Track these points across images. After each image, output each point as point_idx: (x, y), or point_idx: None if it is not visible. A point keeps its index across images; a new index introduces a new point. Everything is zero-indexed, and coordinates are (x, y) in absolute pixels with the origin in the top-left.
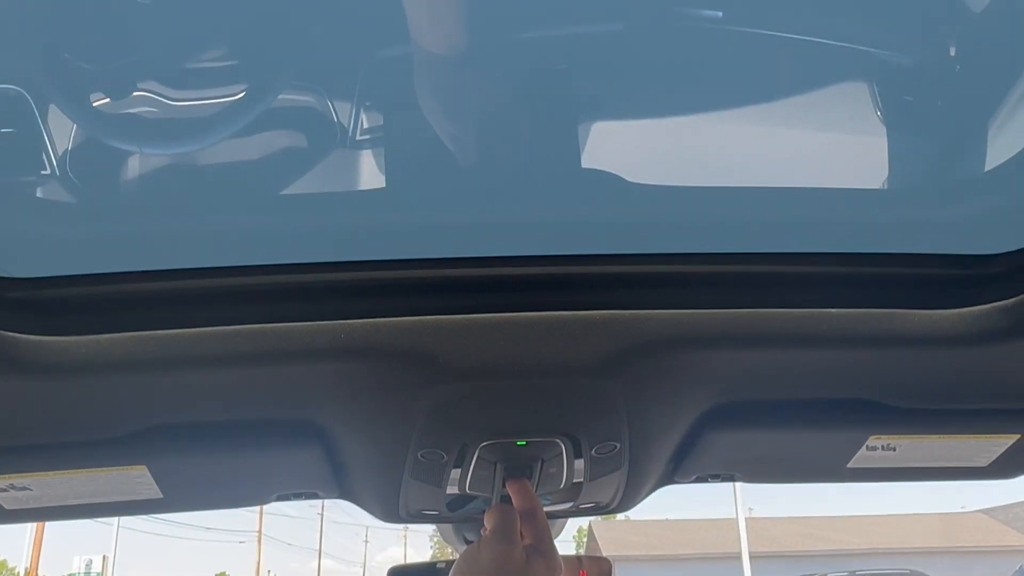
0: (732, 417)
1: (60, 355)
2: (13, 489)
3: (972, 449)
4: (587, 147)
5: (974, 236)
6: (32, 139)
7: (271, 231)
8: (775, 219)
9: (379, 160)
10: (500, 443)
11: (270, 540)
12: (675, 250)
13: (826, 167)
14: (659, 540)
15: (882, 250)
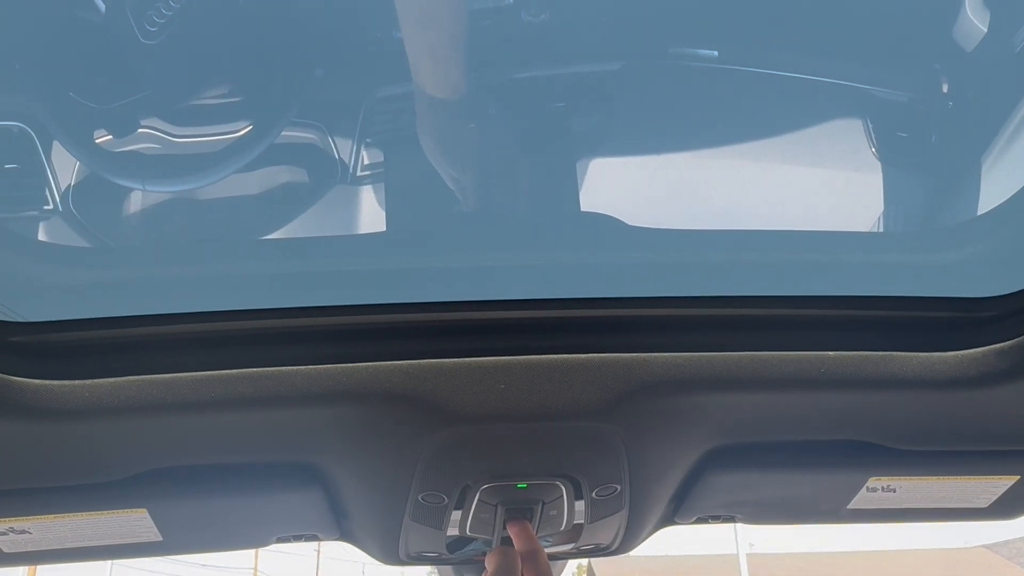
0: (732, 459)
1: (61, 399)
2: (12, 532)
3: (972, 490)
4: (585, 192)
5: (969, 279)
6: (37, 181)
7: (270, 276)
8: (771, 262)
9: (379, 204)
10: (501, 486)
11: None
12: (672, 294)
13: (822, 211)
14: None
15: (878, 293)
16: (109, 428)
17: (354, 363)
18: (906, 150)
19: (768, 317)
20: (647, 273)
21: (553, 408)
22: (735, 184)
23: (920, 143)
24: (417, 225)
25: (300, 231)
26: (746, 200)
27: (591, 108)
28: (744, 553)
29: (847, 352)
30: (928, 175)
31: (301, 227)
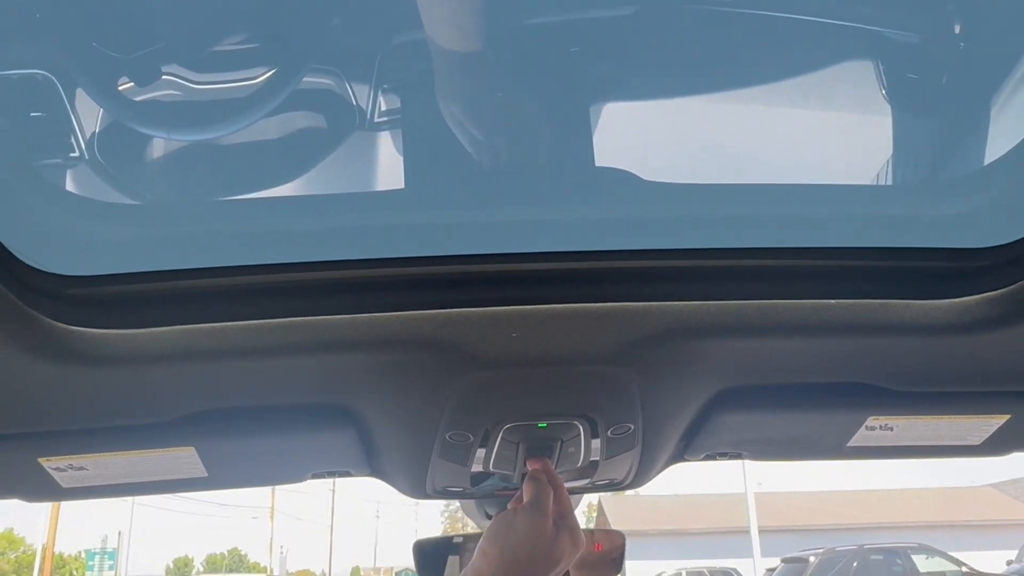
0: (739, 400)
1: (117, 347)
2: (71, 469)
3: (965, 429)
4: (600, 147)
5: (966, 230)
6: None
7: (310, 231)
8: (780, 215)
9: (401, 161)
10: (522, 425)
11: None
12: (685, 246)
13: (827, 164)
14: (668, 515)
15: (879, 244)
16: (160, 373)
17: (386, 312)
18: (914, 94)
19: (774, 267)
20: (661, 226)
21: (571, 353)
22: (744, 136)
23: (928, 87)
24: (440, 182)
25: (337, 189)
26: (755, 154)
27: (605, 55)
28: (752, 492)
29: (848, 300)
30: (933, 124)
31: (338, 186)
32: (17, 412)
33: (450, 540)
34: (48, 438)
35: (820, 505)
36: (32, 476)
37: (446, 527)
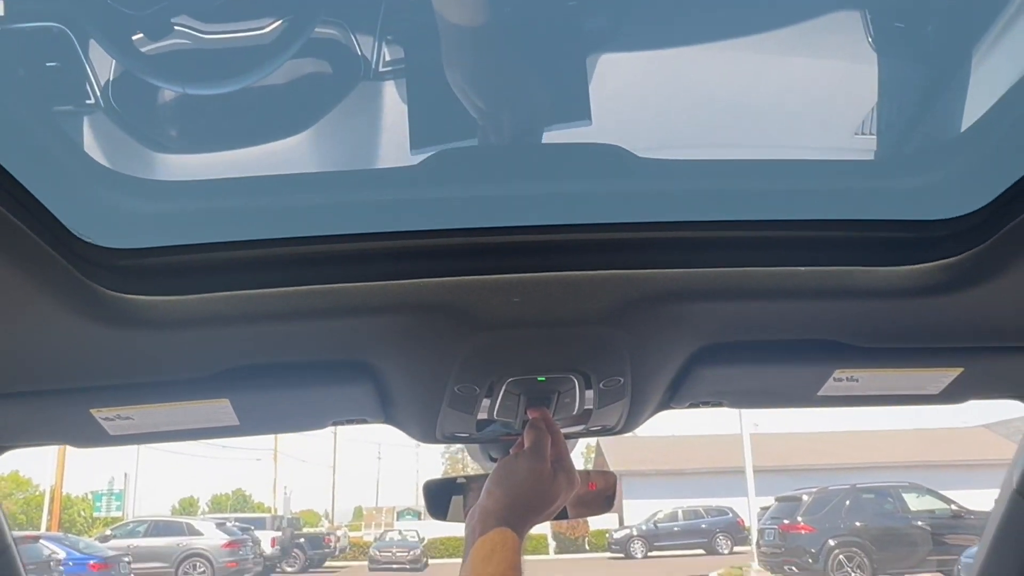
0: (719, 355)
1: (160, 312)
2: (119, 419)
3: (923, 380)
4: (599, 123)
5: (923, 204)
6: None
7: (331, 205)
8: (756, 189)
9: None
10: (523, 379)
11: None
12: (670, 218)
13: (799, 141)
14: (665, 456)
15: (845, 216)
16: (199, 334)
17: (401, 280)
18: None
19: (749, 238)
20: (648, 200)
21: (567, 315)
22: (726, 116)
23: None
24: (447, 160)
25: (348, 164)
26: (735, 133)
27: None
28: (748, 433)
29: (816, 267)
30: (894, 106)
31: (349, 161)
32: (72, 369)
33: (454, 481)
34: (99, 392)
35: (815, 446)
36: (83, 425)
37: (447, 468)
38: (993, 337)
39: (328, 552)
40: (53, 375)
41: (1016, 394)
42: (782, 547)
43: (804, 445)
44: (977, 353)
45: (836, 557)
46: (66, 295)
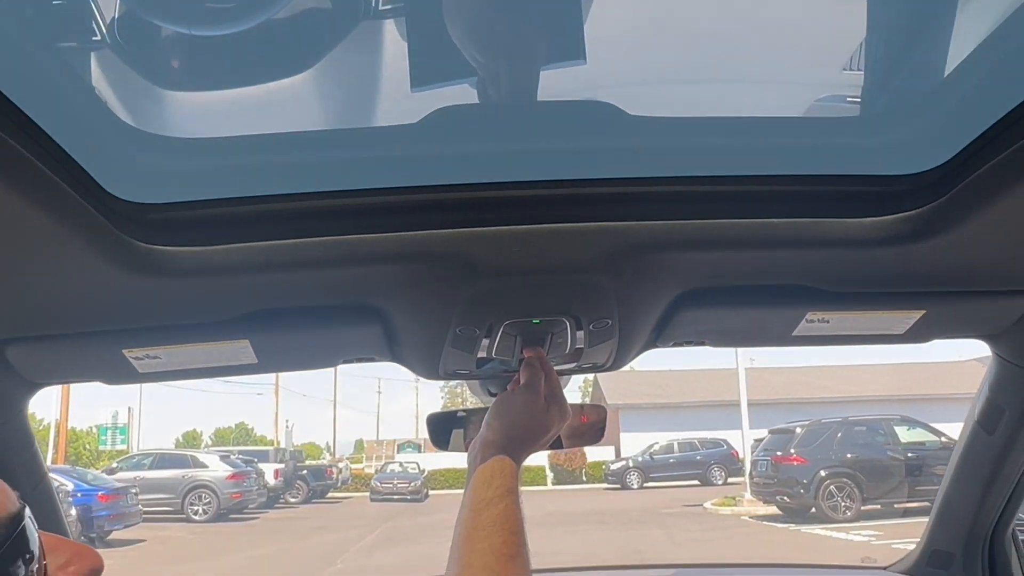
0: (701, 299)
1: (186, 261)
2: (148, 358)
3: (889, 321)
4: (591, 83)
5: (889, 160)
6: None
7: (343, 161)
8: (735, 146)
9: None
10: (520, 321)
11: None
12: (656, 174)
13: (775, 100)
14: (661, 389)
15: (816, 172)
16: (221, 281)
17: (407, 232)
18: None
19: (730, 192)
20: (636, 156)
21: (561, 264)
22: (709, 70)
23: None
24: (449, 118)
25: (365, 123)
26: (716, 89)
27: None
28: (743, 368)
29: (791, 219)
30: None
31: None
32: (106, 313)
33: (455, 414)
34: (130, 334)
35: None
36: (116, 363)
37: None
38: (952, 283)
39: (331, 484)
40: (89, 319)
41: (974, 334)
42: (774, 478)
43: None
44: (937, 297)
45: (827, 487)
46: (101, 247)
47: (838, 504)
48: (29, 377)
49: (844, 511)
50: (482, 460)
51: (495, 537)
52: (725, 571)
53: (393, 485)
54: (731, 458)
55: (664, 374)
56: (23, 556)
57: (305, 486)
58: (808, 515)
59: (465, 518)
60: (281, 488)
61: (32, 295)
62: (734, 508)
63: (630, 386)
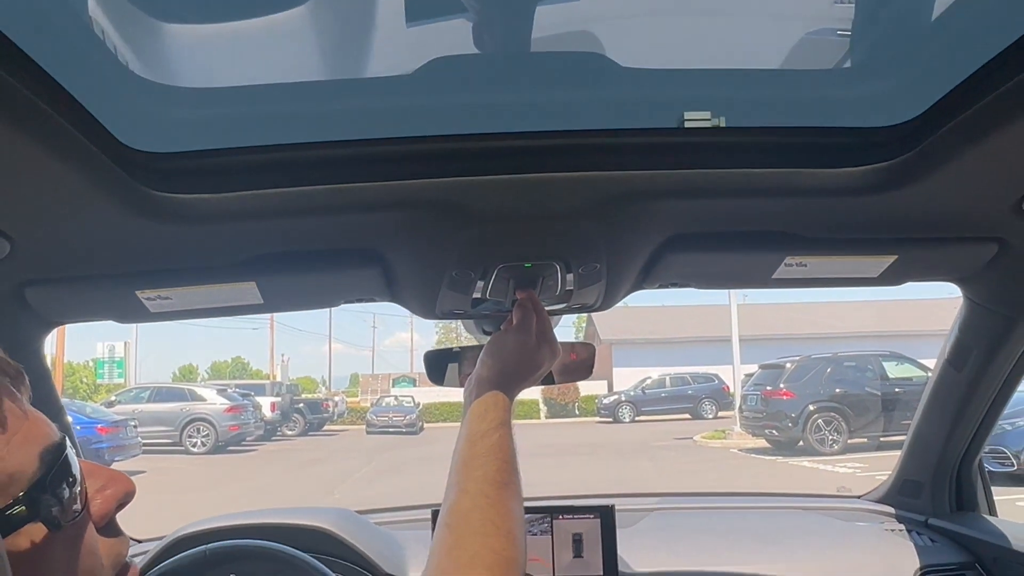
0: (685, 244)
1: (195, 207)
2: (160, 299)
3: (863, 265)
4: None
5: (865, 113)
6: None
7: (341, 112)
8: (718, 97)
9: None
10: (513, 265)
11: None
12: (643, 125)
13: (756, 53)
14: (655, 325)
15: (797, 124)
16: (229, 227)
17: (405, 180)
18: None
19: (714, 143)
20: (623, 107)
21: (552, 211)
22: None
23: None
24: (446, 69)
25: (363, 74)
26: (701, 42)
27: None
28: (735, 304)
29: (771, 169)
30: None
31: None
32: (120, 257)
33: (451, 351)
34: (143, 276)
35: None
36: (129, 304)
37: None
38: (923, 230)
39: (327, 417)
40: (104, 262)
41: (945, 277)
42: (763, 412)
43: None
44: (909, 243)
45: (814, 421)
46: (116, 195)
47: (825, 437)
48: (47, 316)
49: (831, 444)
50: (477, 395)
51: (489, 465)
52: (703, 499)
53: (388, 418)
54: (722, 392)
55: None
56: (67, 480)
57: (302, 419)
58: (796, 448)
59: (462, 449)
60: (278, 421)
61: (52, 240)
62: (723, 441)
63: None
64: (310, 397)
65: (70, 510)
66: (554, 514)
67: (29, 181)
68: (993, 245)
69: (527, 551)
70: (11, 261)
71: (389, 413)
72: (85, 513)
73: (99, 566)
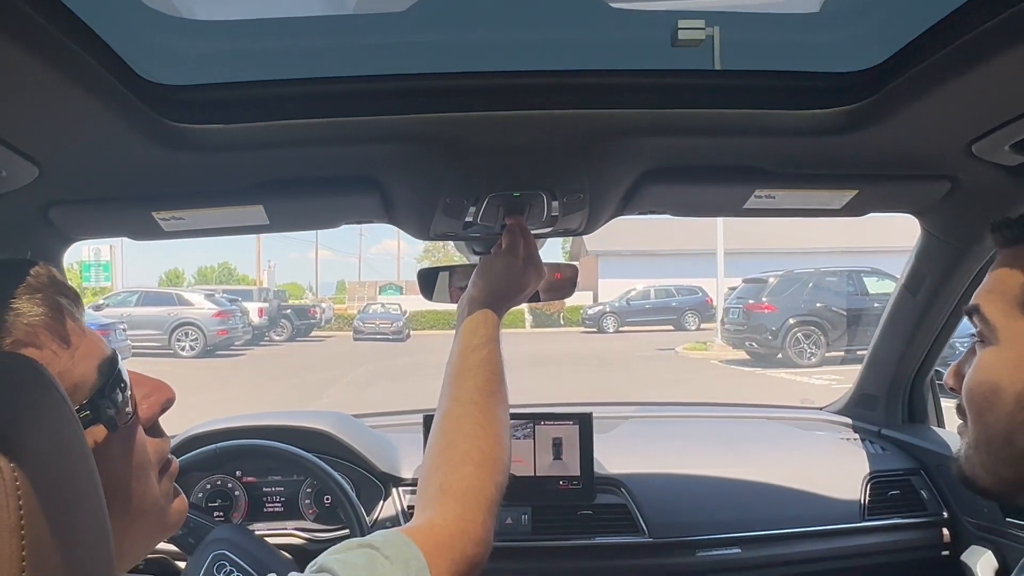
0: (662, 176)
1: (208, 137)
2: (173, 219)
3: (827, 198)
4: None
5: (832, 57)
6: None
7: (343, 48)
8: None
9: None
10: (503, 194)
11: None
12: (625, 67)
13: None
14: (640, 237)
15: (767, 68)
16: (239, 155)
17: (402, 115)
18: None
19: (691, 84)
20: (609, 48)
21: (540, 145)
22: None
23: None
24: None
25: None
26: None
27: None
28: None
29: (742, 109)
30: None
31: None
32: (138, 181)
33: (442, 269)
34: (159, 198)
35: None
36: (145, 223)
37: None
38: (883, 167)
39: (314, 323)
40: (123, 185)
41: (904, 210)
42: (745, 325)
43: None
44: (870, 179)
45: (794, 335)
46: (133, 124)
47: (804, 350)
48: (68, 233)
49: (809, 357)
50: (468, 314)
51: (479, 377)
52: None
53: (376, 325)
54: (705, 305)
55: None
56: (120, 387)
57: (289, 325)
58: (774, 360)
59: (454, 362)
60: (266, 326)
61: (75, 165)
62: (704, 353)
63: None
64: (297, 303)
65: (123, 413)
66: (536, 420)
67: (55, 111)
68: (946, 183)
69: (511, 453)
70: (38, 184)
71: (376, 320)
72: (135, 416)
73: (148, 461)
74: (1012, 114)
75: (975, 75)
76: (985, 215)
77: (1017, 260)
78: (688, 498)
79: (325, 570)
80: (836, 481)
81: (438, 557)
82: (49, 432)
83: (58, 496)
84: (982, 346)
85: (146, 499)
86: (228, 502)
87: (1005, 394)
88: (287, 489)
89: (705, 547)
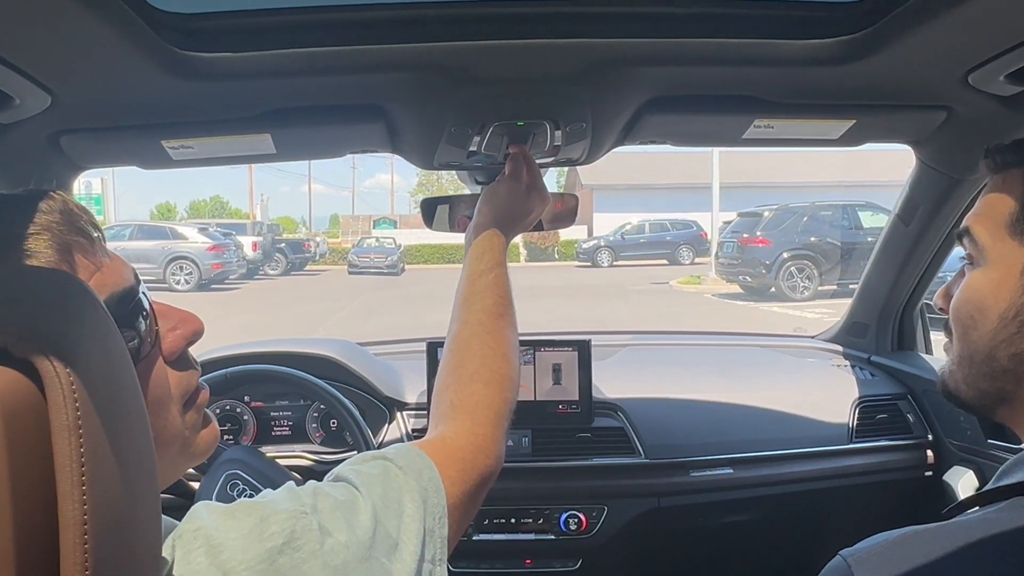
0: (663, 106)
1: (217, 65)
2: (182, 148)
3: (825, 128)
4: None
5: None
6: None
7: None
8: None
9: None
10: (506, 123)
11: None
12: None
13: None
14: (636, 170)
15: None
16: (247, 84)
17: (408, 43)
18: None
19: (691, 14)
20: None
21: (543, 74)
22: None
23: None
24: None
25: None
26: None
27: None
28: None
29: (742, 39)
30: None
31: None
32: (148, 110)
33: (444, 199)
34: (168, 127)
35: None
36: (154, 152)
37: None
38: (880, 97)
39: (308, 257)
40: (133, 114)
41: (899, 140)
42: (739, 259)
43: (770, 162)
44: (867, 109)
45: (787, 268)
46: (144, 52)
47: (797, 284)
48: (78, 161)
49: (802, 291)
50: (475, 239)
51: (487, 299)
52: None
53: (370, 259)
54: (700, 239)
55: (639, 155)
56: (142, 314)
57: (284, 259)
58: (767, 294)
59: (463, 287)
60: (260, 260)
61: (86, 94)
62: (698, 286)
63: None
64: (291, 237)
65: (146, 344)
66: (536, 346)
67: (68, 39)
68: (942, 112)
69: None
70: (50, 112)
71: (370, 254)
72: (155, 350)
73: (167, 396)
74: (1008, 44)
75: (972, 5)
76: (979, 145)
77: (1007, 185)
78: (683, 421)
79: (342, 479)
80: (826, 405)
81: (450, 468)
82: (97, 341)
83: (109, 402)
84: (971, 268)
85: (165, 432)
86: (237, 426)
87: (990, 312)
88: (294, 414)
89: (698, 468)
